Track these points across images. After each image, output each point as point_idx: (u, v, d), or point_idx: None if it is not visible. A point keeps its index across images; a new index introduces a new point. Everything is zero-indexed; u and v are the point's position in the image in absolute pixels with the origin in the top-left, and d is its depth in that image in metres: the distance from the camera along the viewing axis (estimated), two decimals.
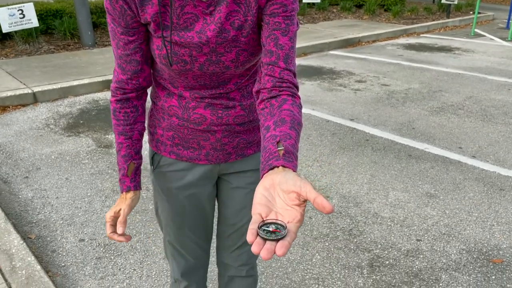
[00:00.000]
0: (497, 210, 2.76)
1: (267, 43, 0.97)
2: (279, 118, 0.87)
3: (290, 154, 0.78)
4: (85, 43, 6.92)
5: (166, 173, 1.24)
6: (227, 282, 1.46)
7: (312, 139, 3.83)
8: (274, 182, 0.70)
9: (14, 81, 5.13)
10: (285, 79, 0.96)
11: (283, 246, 0.61)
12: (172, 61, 1.03)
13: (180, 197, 1.26)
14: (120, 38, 1.05)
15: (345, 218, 2.68)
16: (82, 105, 4.73)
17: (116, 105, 1.14)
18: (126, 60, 1.08)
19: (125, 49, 1.06)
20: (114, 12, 1.01)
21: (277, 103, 0.92)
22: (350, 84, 5.52)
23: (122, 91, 1.13)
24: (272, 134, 0.83)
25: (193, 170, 1.23)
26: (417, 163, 3.40)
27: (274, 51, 0.96)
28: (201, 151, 1.20)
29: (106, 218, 1.16)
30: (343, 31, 8.68)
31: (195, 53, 1.02)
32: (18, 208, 2.80)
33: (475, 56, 7.14)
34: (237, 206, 1.31)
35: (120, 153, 1.16)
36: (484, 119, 4.32)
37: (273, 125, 0.86)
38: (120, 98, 1.13)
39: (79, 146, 3.70)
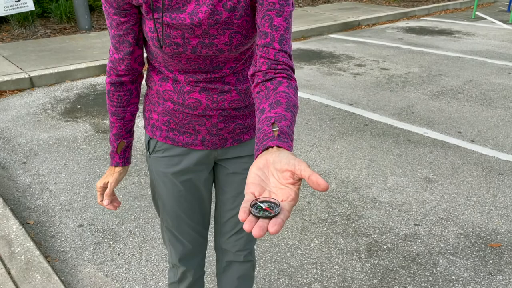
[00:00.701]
0: (496, 194, 2.77)
1: (262, 24, 0.95)
2: (274, 100, 0.85)
3: (285, 134, 0.76)
4: (82, 27, 6.84)
5: (162, 159, 1.24)
6: (225, 267, 1.46)
7: (311, 124, 3.82)
8: (268, 162, 0.68)
9: (11, 65, 5.08)
10: (280, 61, 0.93)
11: (276, 224, 0.59)
12: (164, 43, 1.02)
13: (177, 182, 1.25)
14: (112, 18, 1.05)
15: (343, 203, 2.68)
16: (79, 89, 4.69)
17: (110, 87, 1.17)
18: (119, 40, 1.08)
19: (117, 30, 1.07)
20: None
21: (272, 85, 0.89)
22: (349, 68, 5.48)
23: (116, 72, 1.13)
24: (267, 116, 0.81)
25: (189, 156, 1.22)
26: (416, 148, 3.40)
27: (268, 32, 0.93)
28: (197, 136, 1.19)
29: (96, 187, 1.26)
30: (343, 14, 8.59)
31: (188, 35, 1.01)
32: (17, 193, 2.80)
33: (475, 40, 7.07)
34: (234, 191, 1.31)
35: (112, 131, 1.22)
36: (484, 103, 4.30)
37: (268, 107, 0.84)
38: (114, 82, 1.15)
39: (76, 131, 3.68)
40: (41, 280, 1.97)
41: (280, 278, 2.10)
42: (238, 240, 1.38)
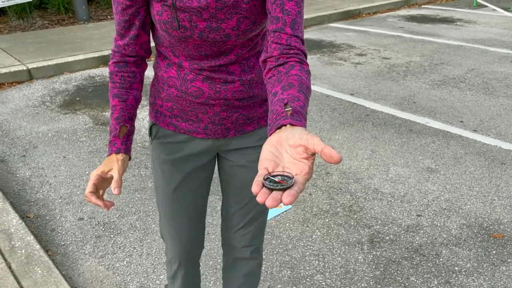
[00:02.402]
0: (498, 184, 2.75)
1: (273, 9, 0.93)
2: (286, 83, 0.84)
3: (298, 114, 0.75)
4: (80, 18, 6.78)
5: (164, 145, 1.23)
6: (231, 264, 1.44)
7: (312, 115, 3.79)
8: (281, 138, 0.68)
9: (9, 57, 5.04)
10: (292, 45, 0.91)
11: (290, 195, 0.59)
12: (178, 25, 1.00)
13: (175, 171, 1.24)
14: (119, 2, 1.05)
15: (345, 194, 2.67)
16: (78, 81, 4.66)
17: (114, 68, 1.13)
18: (124, 25, 1.08)
19: (123, 15, 1.06)
20: None
21: (284, 69, 0.89)
22: (350, 57, 5.43)
23: (120, 54, 1.13)
24: (280, 98, 0.80)
25: (191, 144, 1.21)
26: (417, 137, 3.37)
27: (280, 17, 0.92)
28: (200, 124, 1.17)
29: (90, 176, 1.07)
30: (344, 2, 8.51)
31: (195, 19, 1.00)
32: (16, 187, 2.78)
33: (477, 28, 7.01)
34: (239, 184, 1.29)
35: (113, 115, 1.13)
36: (486, 92, 4.26)
37: (281, 90, 0.83)
38: (118, 61, 1.12)
39: (76, 123, 3.66)
40: (42, 274, 1.96)
41: (282, 270, 2.09)
42: (245, 235, 1.36)
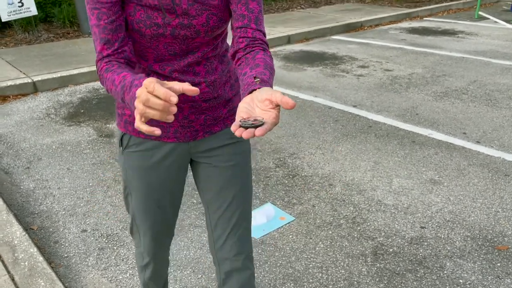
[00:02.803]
0: (502, 196, 2.74)
1: (238, 8, 1.08)
2: (254, 64, 1.00)
3: (265, 83, 0.92)
4: (85, 31, 6.85)
5: (135, 153, 1.26)
6: (224, 279, 1.40)
7: (315, 126, 3.80)
8: (252, 96, 0.85)
9: (14, 70, 5.09)
10: (257, 38, 1.07)
11: (261, 129, 0.77)
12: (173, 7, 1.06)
13: (149, 175, 1.27)
14: (102, 3, 1.05)
15: (348, 206, 2.66)
16: (82, 94, 4.70)
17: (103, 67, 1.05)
18: (111, 28, 1.06)
19: (109, 15, 1.05)
20: None
21: (251, 55, 1.04)
22: (352, 69, 5.46)
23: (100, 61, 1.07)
24: (249, 74, 0.96)
25: (161, 149, 1.25)
26: (420, 149, 3.37)
27: (246, 14, 1.07)
28: (170, 129, 1.22)
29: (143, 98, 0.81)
30: (345, 15, 8.57)
31: (168, 15, 1.07)
32: (20, 199, 2.79)
33: (479, 40, 7.04)
34: (215, 187, 1.31)
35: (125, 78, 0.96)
36: (489, 104, 4.27)
37: (249, 70, 0.98)
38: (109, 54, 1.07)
39: (80, 135, 3.68)
40: (45, 286, 1.96)
41: (286, 283, 2.08)
42: (233, 244, 1.34)
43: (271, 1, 9.90)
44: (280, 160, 3.23)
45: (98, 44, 1.07)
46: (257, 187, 2.88)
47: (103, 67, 1.06)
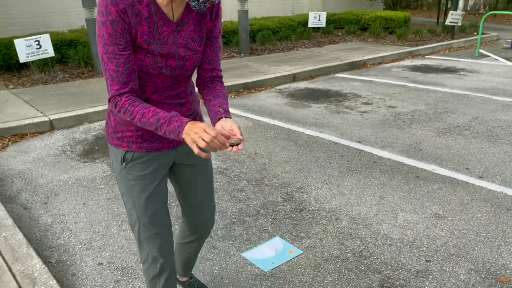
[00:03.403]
0: (505, 230, 2.81)
1: (211, 54, 1.60)
2: (215, 94, 1.58)
3: (227, 112, 1.51)
4: (99, 71, 7.13)
5: (138, 164, 1.60)
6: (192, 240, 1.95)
7: (321, 162, 3.92)
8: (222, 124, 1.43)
9: (31, 109, 5.31)
10: (219, 75, 1.66)
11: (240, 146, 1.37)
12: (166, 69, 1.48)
13: (149, 181, 1.62)
14: (121, 55, 1.38)
15: (355, 240, 2.75)
16: (97, 131, 4.88)
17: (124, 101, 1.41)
18: (127, 73, 1.41)
19: (126, 62, 1.40)
20: (115, 34, 1.37)
21: (212, 85, 1.62)
22: (356, 106, 5.63)
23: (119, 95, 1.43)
24: (214, 103, 1.54)
25: (158, 157, 1.63)
26: (424, 184, 3.47)
27: (215, 60, 1.63)
28: (164, 140, 1.61)
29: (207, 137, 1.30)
30: (349, 54, 8.85)
31: (169, 60, 1.48)
32: (39, 233, 2.91)
33: (480, 77, 7.23)
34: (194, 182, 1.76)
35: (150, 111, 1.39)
36: (490, 140, 4.39)
37: (213, 98, 1.57)
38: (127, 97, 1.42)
39: (95, 171, 3.82)
40: None
41: None
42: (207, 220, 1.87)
43: (276, 41, 10.25)
44: (287, 194, 3.34)
45: (115, 84, 1.40)
46: (265, 221, 2.98)
47: (125, 101, 1.41)
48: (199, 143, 1.29)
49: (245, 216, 3.05)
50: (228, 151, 1.60)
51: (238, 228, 2.91)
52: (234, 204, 3.21)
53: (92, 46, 7.03)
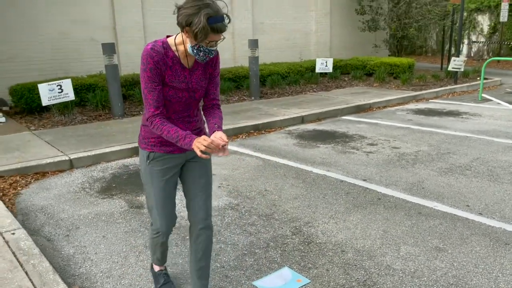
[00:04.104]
0: (502, 262, 2.95)
1: (212, 89, 2.32)
2: (213, 115, 2.28)
3: (220, 127, 2.21)
4: (116, 114, 7.51)
5: (158, 161, 2.31)
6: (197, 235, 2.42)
7: (328, 198, 4.11)
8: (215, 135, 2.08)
9: (52, 149, 5.62)
10: (217, 104, 2.35)
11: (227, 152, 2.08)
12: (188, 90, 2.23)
13: (164, 176, 2.32)
14: (155, 89, 2.11)
15: (359, 270, 2.90)
16: (114, 170, 5.14)
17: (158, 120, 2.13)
18: (159, 100, 2.13)
19: (159, 94, 2.12)
20: (152, 76, 2.09)
21: (212, 110, 2.33)
22: (362, 147, 5.86)
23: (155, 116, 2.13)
24: (212, 121, 2.23)
25: (173, 158, 2.33)
26: (426, 220, 3.63)
27: (215, 92, 2.34)
28: (176, 146, 2.28)
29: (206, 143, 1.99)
30: (355, 97, 9.19)
31: (184, 93, 2.20)
32: (62, 262, 3.10)
33: (482, 120, 7.47)
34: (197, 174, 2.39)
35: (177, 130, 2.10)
36: (491, 179, 4.56)
37: (211, 119, 2.26)
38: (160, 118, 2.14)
39: (113, 207, 4.05)
40: None
41: None
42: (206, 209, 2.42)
43: (285, 85, 10.67)
44: (296, 228, 3.52)
45: (151, 107, 2.12)
46: (275, 252, 3.15)
47: (158, 122, 2.12)
48: (200, 147, 1.99)
49: (256, 248, 3.23)
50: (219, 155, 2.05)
51: (249, 259, 3.08)
52: (245, 237, 3.40)
53: (110, 90, 7.44)
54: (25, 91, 7.59)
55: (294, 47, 13.62)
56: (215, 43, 2.02)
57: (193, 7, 1.92)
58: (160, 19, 10.72)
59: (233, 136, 6.64)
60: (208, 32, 1.95)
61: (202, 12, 1.91)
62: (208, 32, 1.95)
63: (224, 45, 11.97)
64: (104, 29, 9.88)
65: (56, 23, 9.26)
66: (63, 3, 9.28)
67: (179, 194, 4.27)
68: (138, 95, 8.45)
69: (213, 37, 1.98)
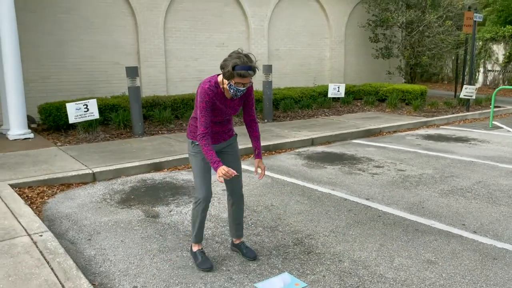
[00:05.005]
0: (488, 274, 3.17)
1: (248, 110, 3.27)
2: (253, 136, 3.31)
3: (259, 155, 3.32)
4: (136, 132, 7.94)
5: (198, 147, 3.15)
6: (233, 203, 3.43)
7: (330, 214, 4.38)
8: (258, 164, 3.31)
9: (77, 163, 6.03)
10: (255, 120, 3.30)
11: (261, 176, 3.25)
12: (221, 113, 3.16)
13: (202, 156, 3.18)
14: (208, 114, 2.97)
15: (354, 277, 3.15)
16: (132, 183, 5.50)
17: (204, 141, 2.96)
18: (209, 121, 2.98)
19: (209, 117, 2.98)
20: (206, 107, 2.97)
21: (251, 127, 3.31)
22: (368, 168, 6.12)
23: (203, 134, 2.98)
24: (253, 145, 3.32)
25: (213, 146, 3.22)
26: (422, 236, 3.86)
27: (251, 111, 3.28)
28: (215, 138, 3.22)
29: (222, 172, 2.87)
30: (366, 122, 9.46)
31: (224, 114, 3.13)
32: (84, 262, 3.43)
33: (489, 146, 7.65)
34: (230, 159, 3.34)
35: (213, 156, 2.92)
36: (489, 201, 4.76)
37: (252, 140, 3.32)
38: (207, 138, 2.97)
39: (131, 216, 4.38)
40: None
41: None
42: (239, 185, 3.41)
43: (298, 109, 11.02)
44: (297, 239, 3.79)
45: (202, 127, 2.95)
46: (277, 260, 3.43)
47: (204, 142, 2.94)
48: (219, 174, 2.87)
49: (259, 255, 3.51)
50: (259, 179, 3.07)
51: (253, 265, 3.36)
52: (250, 245, 3.68)
53: (132, 110, 7.89)
54: (53, 110, 8.11)
55: (308, 72, 14.04)
56: (242, 84, 2.87)
57: (228, 58, 2.85)
58: (180, 45, 11.29)
59: (245, 155, 6.97)
60: (233, 76, 2.82)
61: (232, 62, 2.79)
62: (233, 76, 2.82)
63: None
64: (128, 54, 10.47)
65: (84, 48, 9.88)
66: (92, 29, 9.92)
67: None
68: (157, 115, 8.90)
69: (239, 79, 2.83)
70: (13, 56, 7.41)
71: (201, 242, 3.41)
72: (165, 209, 4.59)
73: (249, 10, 12.28)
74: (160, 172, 6.06)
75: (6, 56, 7.36)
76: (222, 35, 11.95)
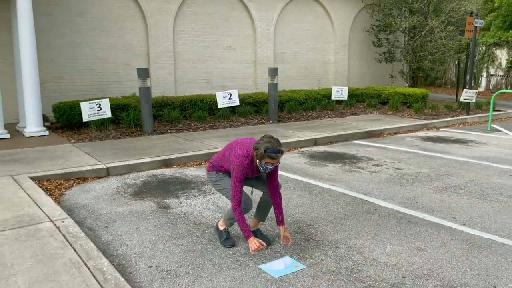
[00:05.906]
0: (473, 261, 3.46)
1: (272, 181, 3.59)
2: (276, 204, 3.61)
3: (282, 221, 3.63)
4: (146, 131, 8.29)
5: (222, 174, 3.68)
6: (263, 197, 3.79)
7: (329, 207, 4.68)
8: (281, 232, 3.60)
9: (91, 159, 6.38)
10: (278, 190, 3.62)
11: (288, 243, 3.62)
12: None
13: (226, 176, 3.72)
14: (241, 185, 3.40)
15: (348, 261, 3.45)
16: (144, 178, 5.84)
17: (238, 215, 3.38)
18: (240, 198, 3.40)
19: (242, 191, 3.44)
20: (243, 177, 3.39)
21: (274, 195, 3.62)
22: (368, 167, 6.42)
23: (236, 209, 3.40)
24: (276, 212, 3.62)
25: None
26: (414, 227, 4.16)
27: (275, 184, 3.60)
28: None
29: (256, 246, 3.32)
30: (367, 124, 9.76)
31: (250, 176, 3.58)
32: (102, 246, 3.76)
33: (486, 148, 7.92)
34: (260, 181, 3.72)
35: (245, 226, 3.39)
36: (481, 198, 5.05)
37: (275, 207, 3.62)
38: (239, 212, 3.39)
39: (144, 207, 4.71)
40: None
41: None
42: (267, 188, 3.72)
43: (302, 110, 11.33)
44: (298, 228, 4.10)
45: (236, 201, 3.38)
46: (279, 245, 3.74)
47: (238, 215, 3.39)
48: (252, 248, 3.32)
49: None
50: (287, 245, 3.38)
51: None
52: None
53: (142, 110, 8.24)
54: (67, 109, 8.47)
55: (313, 75, 14.37)
56: (271, 164, 3.31)
57: (260, 142, 3.30)
58: (189, 48, 11.65)
59: None
60: (264, 157, 3.27)
61: (264, 145, 3.25)
62: (263, 157, 3.27)
63: (247, 72, 12.80)
64: (138, 56, 10.84)
65: (97, 50, 10.26)
66: (104, 32, 10.30)
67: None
68: (166, 115, 9.25)
69: (268, 160, 3.28)
70: (31, 57, 7.78)
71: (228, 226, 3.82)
72: (176, 201, 4.91)
73: (256, 14, 12.63)
74: (170, 168, 6.40)
75: (24, 57, 7.74)
76: (229, 38, 12.31)
